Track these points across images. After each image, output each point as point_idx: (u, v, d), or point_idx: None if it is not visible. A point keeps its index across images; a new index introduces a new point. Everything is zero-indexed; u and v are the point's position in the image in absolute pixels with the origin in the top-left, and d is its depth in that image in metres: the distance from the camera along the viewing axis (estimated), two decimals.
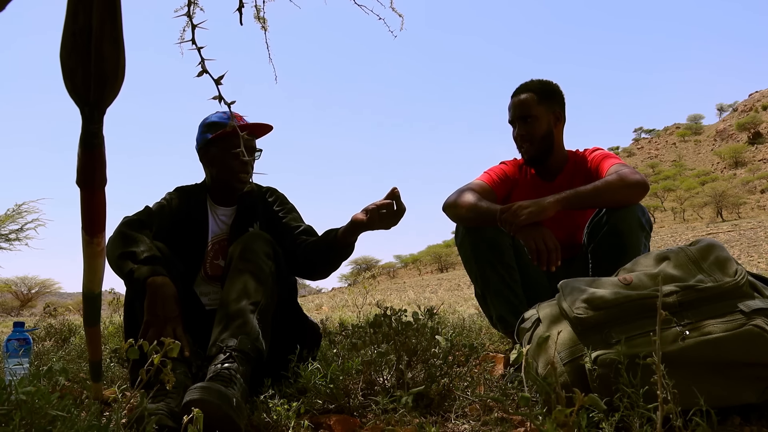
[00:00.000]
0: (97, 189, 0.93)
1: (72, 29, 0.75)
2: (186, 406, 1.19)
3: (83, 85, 0.78)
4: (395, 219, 1.73)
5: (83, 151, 0.86)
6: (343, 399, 1.46)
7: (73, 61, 0.77)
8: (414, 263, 49.87)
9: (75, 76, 0.78)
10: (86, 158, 0.87)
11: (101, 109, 0.82)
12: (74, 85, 0.79)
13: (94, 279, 1.12)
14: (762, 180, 48.42)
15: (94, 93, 0.79)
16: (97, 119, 0.83)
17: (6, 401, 0.87)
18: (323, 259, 1.86)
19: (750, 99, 75.68)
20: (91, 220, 0.97)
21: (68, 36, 0.75)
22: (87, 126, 0.83)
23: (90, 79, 0.77)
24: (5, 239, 4.26)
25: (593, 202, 1.90)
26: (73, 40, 0.75)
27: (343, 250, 1.83)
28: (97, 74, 0.77)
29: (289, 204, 2.09)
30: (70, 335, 3.85)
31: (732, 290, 1.25)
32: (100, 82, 0.78)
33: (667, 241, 24.27)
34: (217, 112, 2.03)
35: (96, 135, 0.85)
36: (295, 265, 1.90)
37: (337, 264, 1.89)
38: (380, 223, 1.73)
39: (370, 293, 7.88)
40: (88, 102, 0.80)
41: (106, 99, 0.81)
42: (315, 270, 1.91)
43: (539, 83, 2.15)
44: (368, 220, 1.72)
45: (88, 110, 0.81)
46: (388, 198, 1.72)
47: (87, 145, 0.85)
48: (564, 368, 1.27)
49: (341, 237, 1.80)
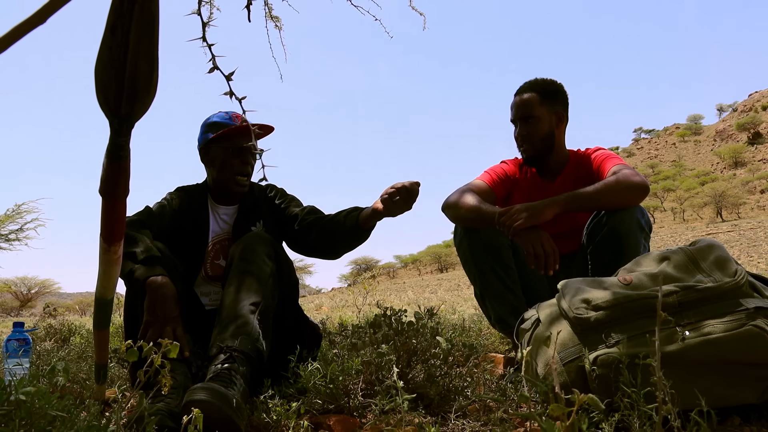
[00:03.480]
0: (119, 199, 0.94)
1: (109, 43, 0.75)
2: (186, 406, 1.19)
3: (115, 99, 0.79)
4: (409, 202, 1.78)
5: (109, 162, 0.88)
6: (342, 399, 1.46)
7: (107, 75, 0.77)
8: (414, 263, 49.90)
9: (108, 90, 0.78)
10: (111, 169, 0.89)
11: (130, 122, 0.83)
12: (106, 98, 0.79)
13: (108, 285, 1.13)
14: (762, 180, 48.43)
15: (125, 107, 0.80)
16: (125, 132, 0.84)
17: (6, 401, 0.87)
18: (344, 237, 1.93)
19: (750, 99, 75.71)
20: (111, 229, 0.99)
21: (105, 50, 0.76)
22: (115, 138, 0.84)
23: (122, 93, 0.78)
24: (5, 239, 4.26)
25: (593, 205, 1.90)
26: (110, 54, 0.76)
27: (364, 233, 1.91)
28: (129, 89, 0.78)
29: (289, 195, 2.13)
30: (70, 335, 3.86)
31: (732, 290, 1.25)
32: (132, 97, 0.79)
33: (667, 242, 24.27)
34: (219, 112, 2.03)
35: (123, 147, 0.86)
36: (310, 243, 1.98)
37: (355, 245, 1.97)
38: (397, 209, 1.79)
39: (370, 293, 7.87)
40: (119, 115, 0.81)
41: (137, 113, 0.82)
42: (333, 248, 2.00)
43: (542, 83, 2.14)
44: (384, 208, 1.80)
45: (117, 123, 0.82)
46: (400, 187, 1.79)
47: (113, 156, 0.87)
48: (564, 368, 1.27)
49: (363, 221, 1.87)
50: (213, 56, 1.13)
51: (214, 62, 1.14)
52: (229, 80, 1.17)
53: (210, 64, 1.16)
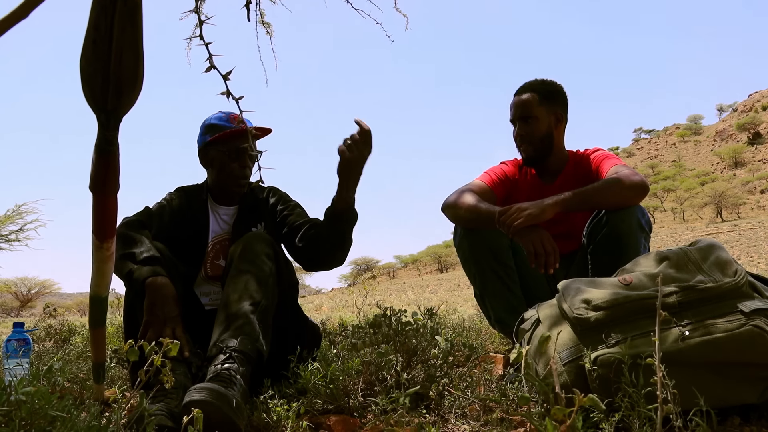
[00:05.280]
0: (110, 195, 0.93)
1: (93, 37, 0.75)
2: (186, 406, 1.19)
3: (101, 93, 0.79)
4: (367, 143, 1.68)
5: (97, 157, 0.87)
6: (342, 399, 1.46)
7: (92, 69, 0.77)
8: (414, 263, 49.90)
9: (93, 84, 0.78)
10: (100, 164, 0.88)
11: (118, 116, 0.83)
12: (92, 92, 0.79)
13: (102, 283, 1.13)
14: (762, 180, 48.44)
15: (112, 101, 0.80)
16: (113, 126, 0.84)
17: (6, 402, 0.87)
18: (331, 236, 1.79)
19: (750, 99, 75.74)
20: (102, 225, 0.98)
21: (89, 43, 0.76)
22: (102, 133, 0.84)
23: (108, 86, 0.78)
24: (5, 240, 4.26)
25: (593, 204, 1.90)
26: (94, 48, 0.75)
27: (345, 214, 1.75)
28: (115, 82, 0.78)
29: (292, 201, 2.06)
30: (70, 336, 3.85)
31: (732, 290, 1.25)
32: (117, 90, 0.78)
33: (667, 242, 24.27)
34: (218, 112, 2.02)
35: (111, 142, 0.86)
36: (308, 257, 1.86)
37: (344, 233, 1.79)
38: (356, 153, 1.68)
39: (370, 294, 7.88)
40: (105, 109, 0.81)
41: (123, 107, 0.82)
42: (329, 253, 1.83)
43: (542, 83, 2.14)
44: (342, 159, 1.69)
45: (104, 117, 0.82)
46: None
47: (101, 151, 0.87)
48: (564, 369, 1.27)
49: (337, 200, 1.74)
50: (210, 55, 1.13)
51: (211, 61, 1.14)
52: (227, 80, 1.16)
53: (207, 63, 1.15)
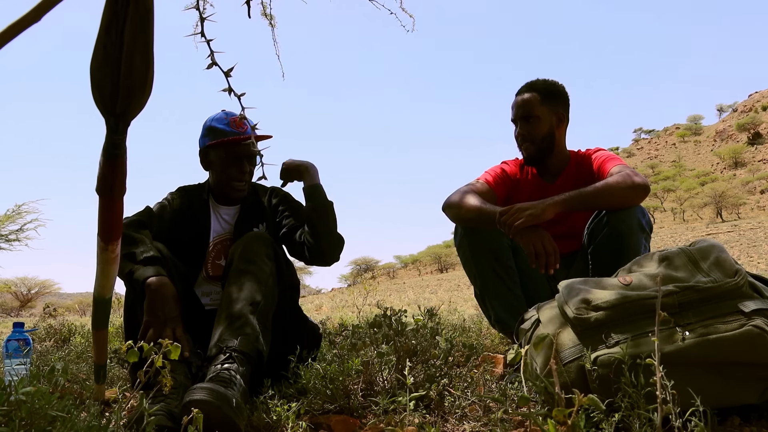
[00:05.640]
0: (116, 198, 0.94)
1: (104, 41, 0.75)
2: (186, 406, 1.19)
3: (111, 97, 0.79)
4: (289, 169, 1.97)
5: (105, 161, 0.88)
6: (343, 399, 1.46)
7: (103, 73, 0.77)
8: (414, 264, 49.86)
9: (103, 88, 0.78)
10: (108, 167, 0.89)
11: (126, 120, 0.83)
12: (102, 96, 0.79)
13: (106, 285, 1.13)
14: (762, 180, 48.43)
15: (121, 105, 0.80)
16: (121, 130, 0.84)
17: (6, 401, 0.87)
18: (318, 233, 1.86)
19: (750, 99, 75.72)
20: (108, 228, 0.98)
21: (100, 48, 0.76)
22: (111, 136, 0.84)
23: (118, 91, 0.78)
24: (5, 239, 4.26)
25: (594, 204, 1.90)
26: (105, 53, 0.76)
27: (314, 202, 1.90)
28: (125, 86, 0.78)
29: (295, 202, 2.06)
30: (70, 336, 3.85)
31: (732, 291, 1.25)
32: (127, 94, 0.79)
33: (667, 242, 24.26)
34: (219, 113, 2.02)
35: (119, 146, 0.86)
36: (306, 256, 1.92)
37: (328, 226, 1.88)
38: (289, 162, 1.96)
39: (370, 294, 7.89)
40: (114, 113, 0.81)
41: (132, 111, 0.82)
42: (325, 249, 1.89)
43: (544, 83, 2.14)
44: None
45: (113, 121, 0.82)
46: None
47: (109, 155, 0.87)
48: (564, 369, 1.27)
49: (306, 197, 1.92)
50: (212, 51, 1.13)
51: (212, 58, 1.13)
52: (228, 76, 1.16)
53: (209, 59, 1.15)
